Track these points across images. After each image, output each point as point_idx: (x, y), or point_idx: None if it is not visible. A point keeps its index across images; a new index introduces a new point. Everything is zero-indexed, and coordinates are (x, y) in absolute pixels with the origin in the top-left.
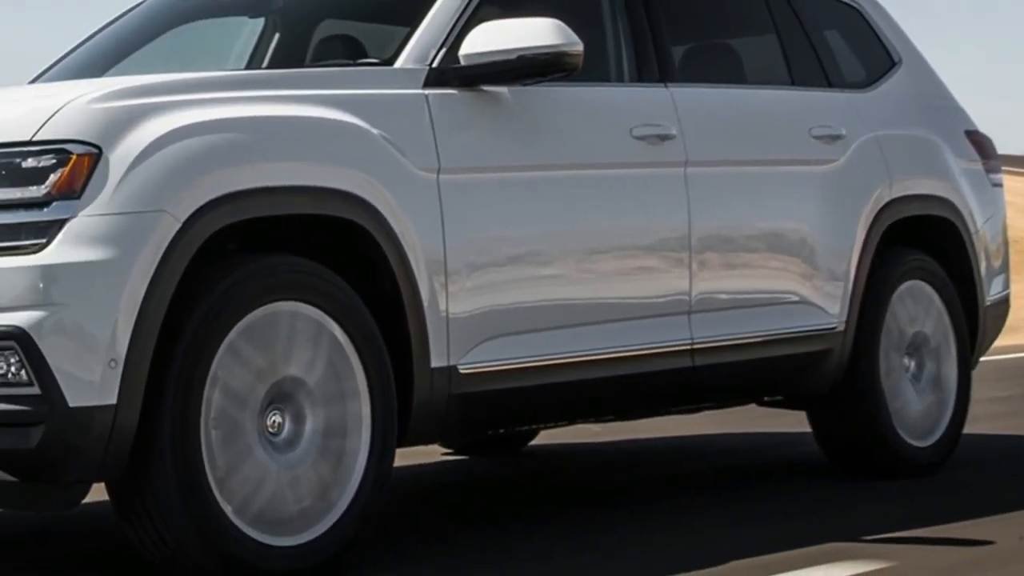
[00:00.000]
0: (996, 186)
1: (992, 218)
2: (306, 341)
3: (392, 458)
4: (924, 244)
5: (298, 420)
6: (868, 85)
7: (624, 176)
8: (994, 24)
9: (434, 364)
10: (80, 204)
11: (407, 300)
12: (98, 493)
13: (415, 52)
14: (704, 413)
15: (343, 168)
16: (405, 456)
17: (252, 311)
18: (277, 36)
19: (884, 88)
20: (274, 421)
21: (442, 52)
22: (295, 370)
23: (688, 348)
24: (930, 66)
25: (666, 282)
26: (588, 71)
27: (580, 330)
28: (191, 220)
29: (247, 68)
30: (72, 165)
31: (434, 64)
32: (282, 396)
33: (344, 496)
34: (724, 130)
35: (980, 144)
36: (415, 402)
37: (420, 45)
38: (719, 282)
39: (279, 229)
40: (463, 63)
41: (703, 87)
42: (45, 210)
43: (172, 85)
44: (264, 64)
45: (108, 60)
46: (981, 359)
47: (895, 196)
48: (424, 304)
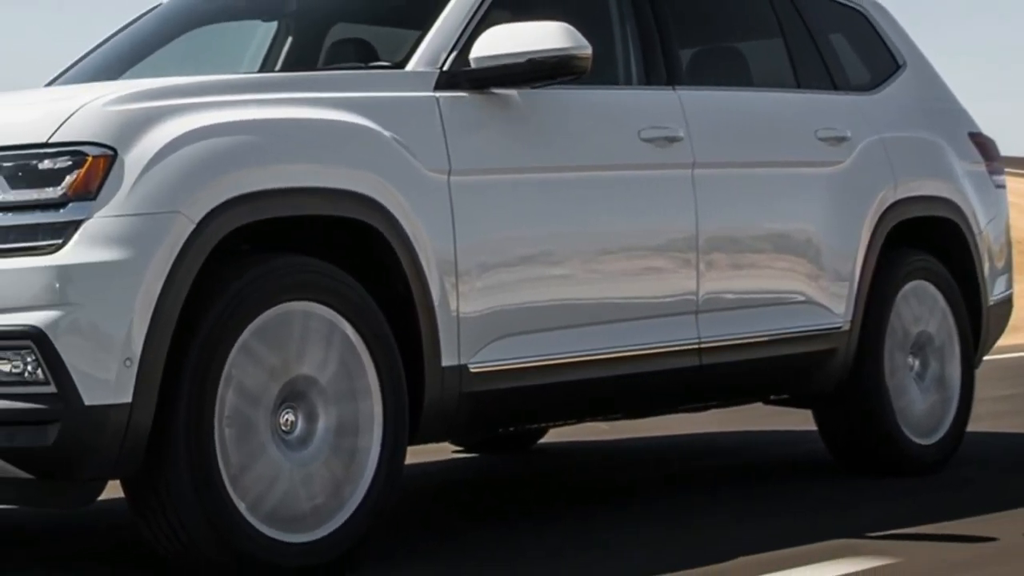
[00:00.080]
0: (999, 187)
1: (995, 219)
2: (319, 340)
3: (403, 456)
4: (928, 245)
5: (311, 418)
6: (873, 88)
7: (632, 178)
8: (997, 27)
9: (445, 363)
10: (96, 205)
11: (418, 300)
12: (113, 490)
13: (426, 55)
14: (711, 411)
15: (355, 170)
16: (416, 454)
17: (265, 311)
18: (290, 39)
19: (888, 91)
20: (287, 419)
21: (453, 55)
22: (308, 369)
23: (695, 347)
24: (934, 69)
25: (673, 282)
26: (597, 74)
27: (589, 330)
28: (205, 221)
29: (260, 71)
30: (88, 167)
31: (445, 67)
32: (295, 395)
33: (356, 493)
34: (731, 132)
35: (983, 146)
36: (426, 401)
37: (431, 48)
38: (726, 282)
39: (292, 230)
40: (473, 66)
41: (710, 90)
42: (61, 211)
43: (186, 88)
44: (277, 67)
45: (123, 63)
46: (984, 358)
47: (900, 197)
48: (435, 304)
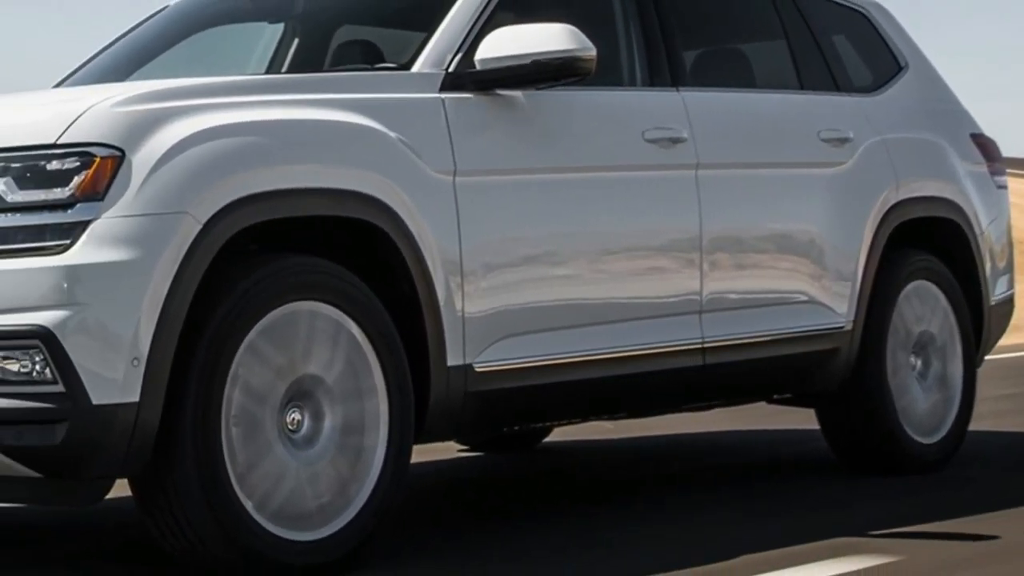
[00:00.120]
0: (1001, 188)
1: (997, 219)
2: (325, 340)
3: (409, 454)
4: (930, 245)
5: (317, 417)
6: (875, 89)
7: (636, 178)
8: (998, 28)
9: (450, 363)
10: (103, 206)
11: (424, 300)
12: (121, 489)
13: (432, 57)
14: (715, 410)
15: (361, 170)
16: (422, 452)
17: (272, 310)
18: (296, 41)
19: (891, 92)
20: (293, 418)
21: (458, 57)
22: (314, 368)
23: (699, 347)
24: (936, 70)
25: (677, 282)
26: (601, 75)
27: (593, 329)
28: (212, 221)
29: (267, 72)
30: (96, 167)
31: (450, 69)
32: (301, 394)
33: (362, 492)
34: (734, 133)
35: (985, 147)
36: (431, 400)
37: (436, 50)
38: (729, 282)
39: (299, 230)
40: (478, 67)
41: (714, 91)
42: (69, 212)
43: (193, 89)
44: (284, 68)
45: (131, 64)
46: (986, 358)
47: (902, 198)
48: (440, 304)
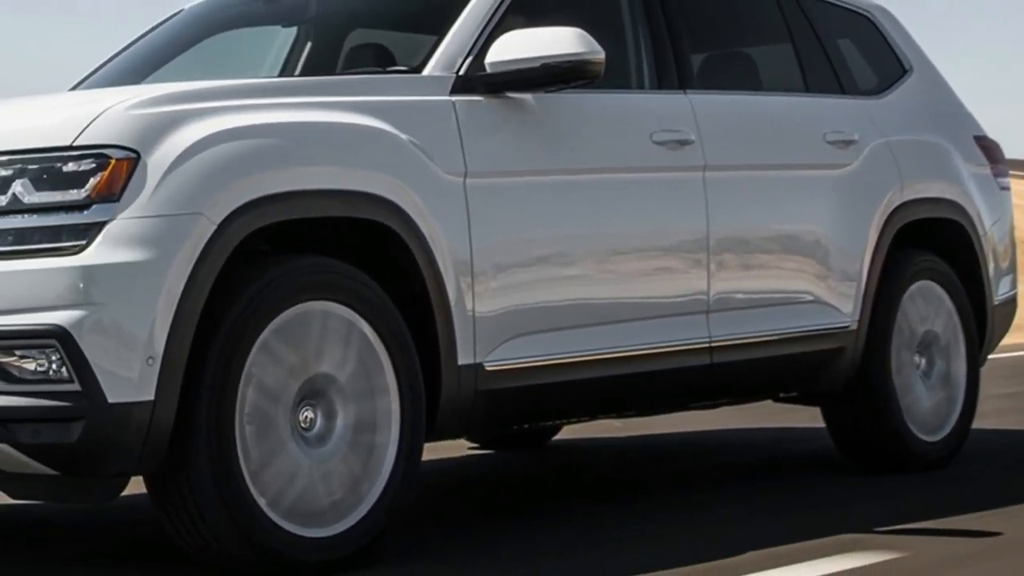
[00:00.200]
0: (1004, 189)
1: (1000, 220)
2: (337, 339)
3: (420, 452)
4: (934, 246)
5: (330, 416)
6: (880, 92)
7: (644, 180)
8: (1002, 32)
9: (461, 362)
10: (119, 207)
11: (435, 300)
12: (136, 486)
13: (443, 60)
14: (722, 409)
15: (373, 172)
16: (433, 450)
17: (285, 310)
18: (309, 44)
19: (895, 95)
20: (306, 417)
21: (469, 60)
22: (327, 367)
23: (706, 346)
24: (940, 73)
25: (685, 282)
26: (609, 78)
27: (602, 329)
28: (226, 222)
29: (280, 75)
30: (111, 169)
31: (461, 72)
32: (314, 392)
33: (374, 489)
34: (741, 135)
35: (988, 149)
36: (442, 398)
37: (447, 53)
38: (736, 282)
39: (312, 231)
40: (489, 71)
41: (721, 94)
42: (85, 213)
43: (208, 92)
44: (297, 71)
45: (146, 68)
46: (989, 357)
47: (906, 199)
48: (451, 303)
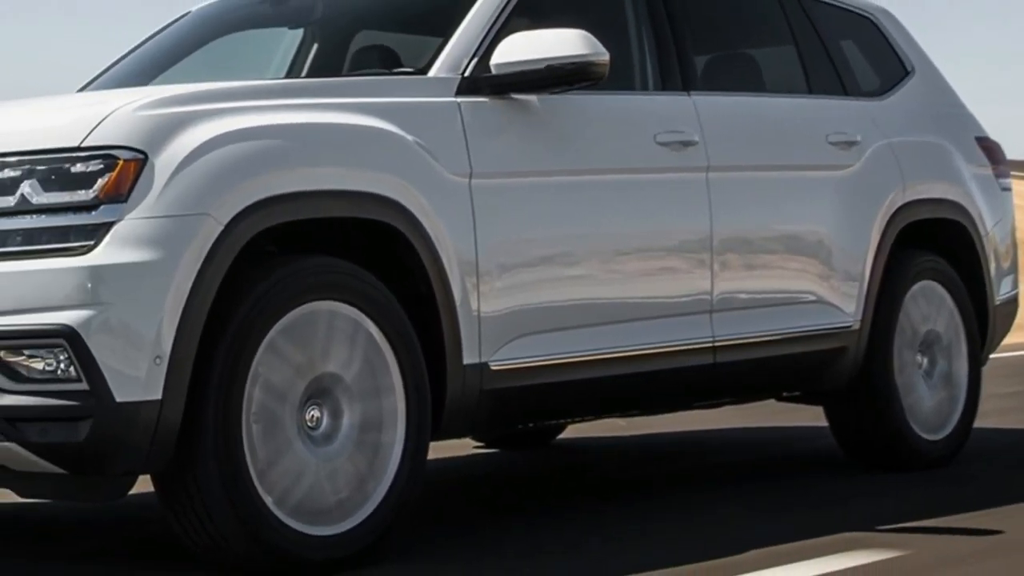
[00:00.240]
0: (1005, 190)
1: (1001, 221)
2: (344, 339)
3: (426, 451)
4: (936, 246)
5: (336, 415)
6: (882, 93)
7: (648, 181)
8: (1004, 33)
9: (466, 361)
10: (127, 207)
11: (440, 299)
12: (144, 485)
13: (448, 62)
14: (725, 408)
15: (379, 173)
16: (438, 449)
17: (292, 310)
18: (316, 46)
19: (898, 96)
20: (313, 416)
21: (474, 62)
22: (333, 367)
23: (710, 346)
24: (941, 74)
25: (688, 282)
26: (614, 80)
27: (606, 328)
28: (233, 223)
29: (287, 77)
30: (119, 170)
31: (466, 73)
32: (320, 392)
33: (380, 488)
34: (744, 136)
35: (990, 150)
36: (448, 397)
37: (453, 55)
38: (739, 282)
39: (318, 232)
40: (494, 72)
41: (724, 95)
42: (93, 213)
43: (215, 93)
44: (303, 73)
45: (154, 69)
46: (991, 356)
47: (908, 200)
48: (456, 303)
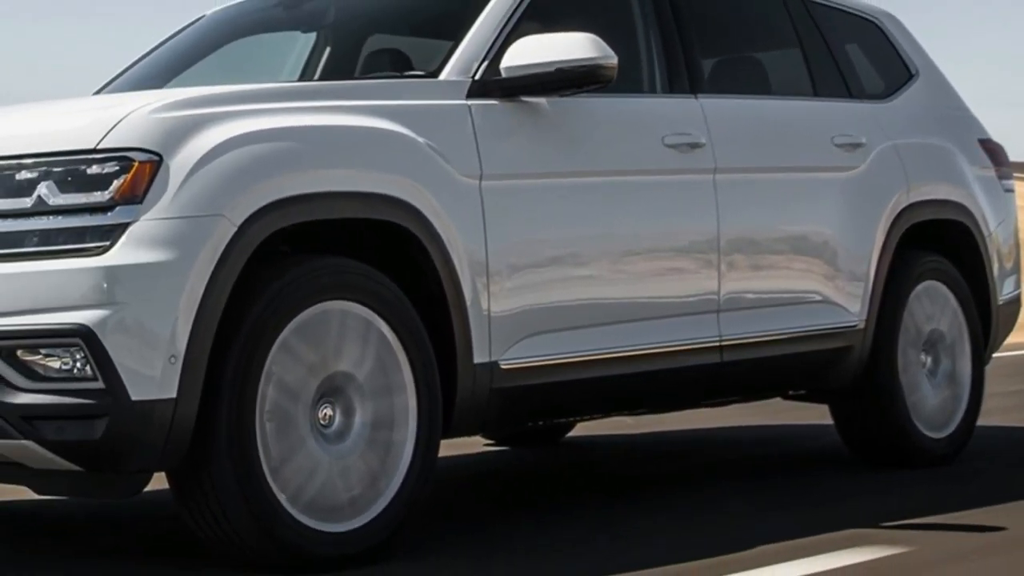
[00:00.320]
0: (1008, 191)
1: (1004, 222)
2: (356, 338)
3: (437, 449)
4: (940, 246)
5: (348, 413)
6: (887, 96)
7: (656, 182)
8: (1006, 37)
9: (476, 360)
10: (142, 209)
11: (451, 299)
12: (159, 482)
13: (459, 65)
14: (732, 406)
15: (391, 174)
16: (449, 447)
17: (304, 310)
18: (328, 50)
19: (902, 99)
20: (325, 414)
21: (484, 65)
22: (345, 366)
23: (717, 345)
24: (945, 77)
25: (696, 282)
26: (622, 83)
27: (614, 328)
28: (247, 224)
29: (300, 80)
30: (134, 172)
31: (477, 76)
32: (333, 390)
33: (392, 485)
34: (751, 138)
35: (993, 152)
36: (458, 396)
37: (463, 58)
38: (746, 282)
39: (330, 232)
40: (504, 75)
41: (731, 98)
42: (109, 214)
43: (229, 96)
44: (316, 76)
45: (168, 72)
46: (993, 355)
47: (912, 201)
48: (467, 303)
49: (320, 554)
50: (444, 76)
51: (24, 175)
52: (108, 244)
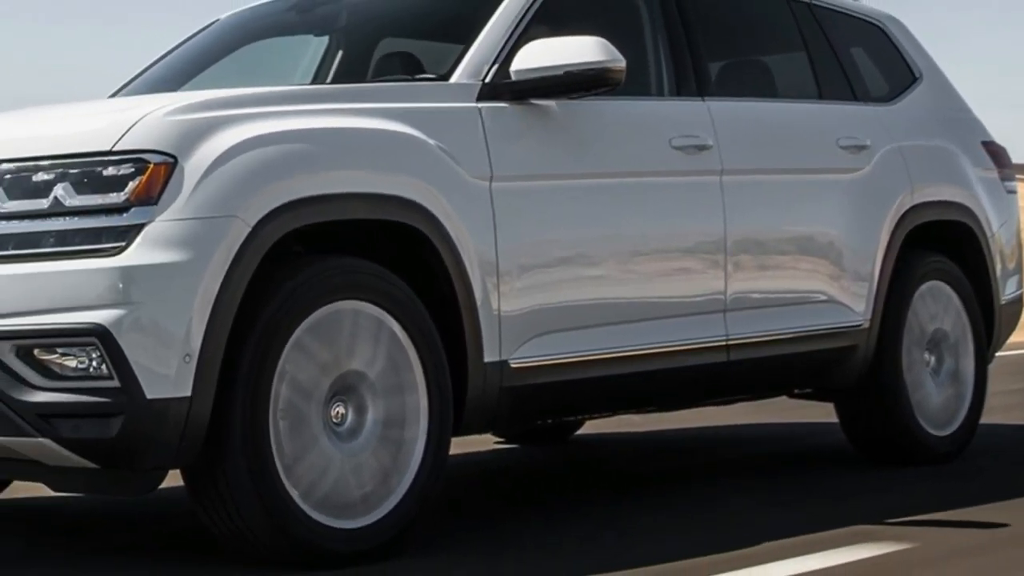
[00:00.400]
0: (1010, 193)
1: (1007, 223)
2: (368, 337)
3: (448, 446)
4: (943, 247)
5: (360, 411)
6: (891, 99)
7: (664, 184)
8: (1009, 40)
9: (487, 359)
10: (157, 210)
11: (461, 299)
12: (174, 479)
13: (469, 68)
14: (738, 404)
15: (402, 176)
16: (460, 445)
17: (317, 309)
18: (341, 53)
19: (906, 101)
20: (338, 412)
21: (494, 68)
22: (357, 364)
23: (723, 344)
24: (949, 80)
25: (703, 282)
26: (630, 86)
27: (623, 327)
28: (260, 225)
29: (312, 83)
30: (150, 173)
31: (487, 79)
32: (345, 389)
33: (403, 482)
34: (757, 141)
35: (995, 153)
36: (469, 394)
37: (474, 62)
38: (752, 282)
39: (342, 233)
40: (514, 78)
41: (737, 101)
42: (124, 215)
43: (243, 99)
44: (328, 79)
45: (183, 75)
46: (996, 354)
47: (916, 202)
48: (477, 303)
49: (332, 550)
50: (455, 79)
51: (41, 176)
52: (124, 245)
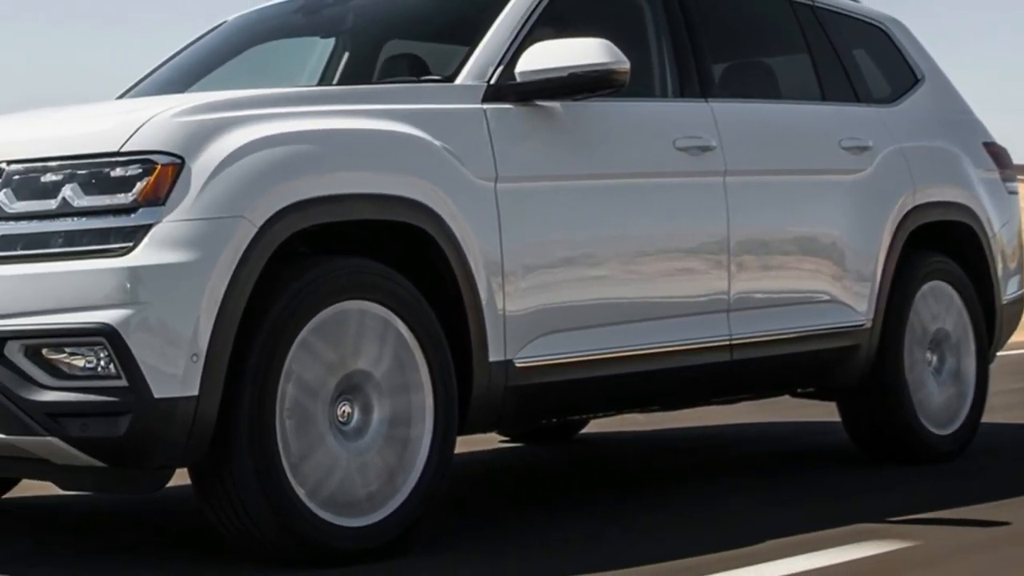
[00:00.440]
0: (1012, 193)
1: (1008, 223)
2: (374, 337)
3: (453, 445)
4: (945, 247)
5: (366, 410)
6: (893, 100)
7: (668, 184)
8: (1010, 43)
9: (492, 359)
10: (164, 210)
11: (467, 299)
12: (180, 478)
13: (474, 70)
14: (741, 403)
15: (408, 177)
16: (465, 443)
17: (323, 309)
18: (347, 55)
19: (908, 103)
20: (344, 411)
21: (499, 70)
22: (363, 364)
23: (727, 344)
24: (950, 82)
25: (706, 282)
26: (634, 87)
27: (627, 327)
28: (267, 225)
29: (319, 84)
30: (157, 174)
31: (492, 81)
32: (351, 388)
33: (409, 481)
34: (760, 142)
35: (997, 155)
36: (474, 394)
37: (479, 63)
38: (756, 282)
39: (349, 233)
40: (519, 80)
41: (741, 102)
42: (132, 216)
43: (249, 100)
44: (335, 81)
45: (190, 77)
46: (998, 354)
47: (918, 203)
48: (482, 303)
49: (338, 548)
50: (460, 81)
51: (49, 177)
52: (131, 245)
